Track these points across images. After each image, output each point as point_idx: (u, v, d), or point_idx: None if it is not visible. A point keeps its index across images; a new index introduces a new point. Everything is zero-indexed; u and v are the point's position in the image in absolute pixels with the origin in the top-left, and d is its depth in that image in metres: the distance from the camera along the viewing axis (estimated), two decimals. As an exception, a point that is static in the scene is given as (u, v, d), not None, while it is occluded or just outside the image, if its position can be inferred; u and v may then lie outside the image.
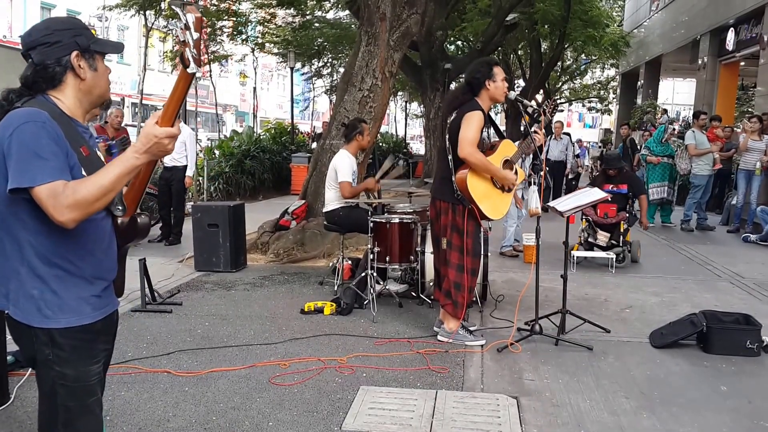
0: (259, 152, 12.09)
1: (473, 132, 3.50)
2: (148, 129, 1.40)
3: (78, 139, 1.48)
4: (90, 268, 1.51)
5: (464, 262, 3.58)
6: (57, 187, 1.34)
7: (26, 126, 1.37)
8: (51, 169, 1.35)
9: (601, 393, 3.03)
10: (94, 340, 1.54)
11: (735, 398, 3.01)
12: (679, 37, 15.12)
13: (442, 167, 3.67)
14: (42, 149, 1.36)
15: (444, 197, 3.62)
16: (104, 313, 1.56)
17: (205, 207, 5.81)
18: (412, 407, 2.80)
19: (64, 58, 1.48)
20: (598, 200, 4.12)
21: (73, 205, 1.34)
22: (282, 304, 4.52)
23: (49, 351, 1.47)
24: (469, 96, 3.62)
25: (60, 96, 1.50)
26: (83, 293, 1.50)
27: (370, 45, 6.59)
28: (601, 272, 5.75)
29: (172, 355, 3.41)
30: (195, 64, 1.39)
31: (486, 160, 3.55)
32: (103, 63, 1.56)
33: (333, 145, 6.60)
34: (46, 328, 1.46)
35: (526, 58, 20.13)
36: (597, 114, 30.59)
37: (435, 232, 3.77)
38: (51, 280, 1.45)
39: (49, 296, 1.45)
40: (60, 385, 1.49)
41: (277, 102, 38.57)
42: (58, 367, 1.48)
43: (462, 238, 3.58)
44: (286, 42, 17.56)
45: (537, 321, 3.71)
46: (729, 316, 3.77)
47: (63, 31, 1.48)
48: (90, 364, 1.53)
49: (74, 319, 1.48)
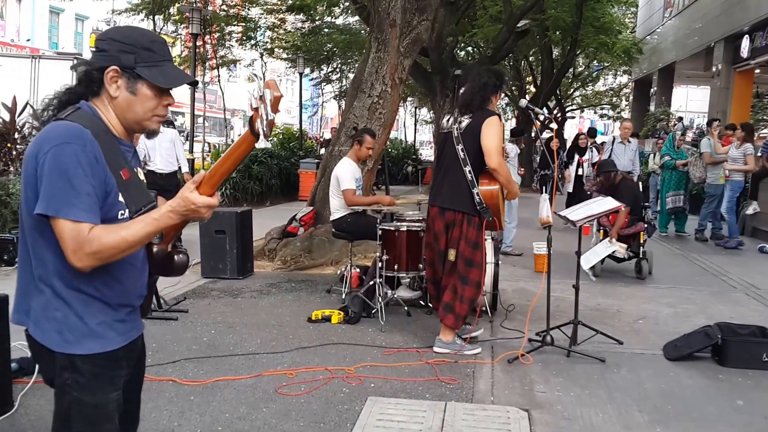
0: (266, 157, 12.10)
1: (499, 140, 3.42)
2: (187, 195, 1.32)
3: (119, 160, 1.40)
4: (116, 295, 1.44)
5: (471, 275, 3.52)
6: (82, 231, 1.28)
7: (66, 148, 1.29)
8: (82, 206, 1.29)
9: (613, 406, 2.97)
10: (116, 368, 1.47)
11: (751, 413, 2.93)
12: (692, 44, 15.00)
13: (457, 177, 3.49)
14: (77, 179, 1.29)
15: (461, 208, 3.49)
16: (128, 339, 1.49)
17: (213, 213, 5.79)
18: (420, 419, 2.75)
19: (103, 68, 1.39)
20: (611, 209, 4.04)
21: (92, 255, 1.29)
22: (289, 312, 4.48)
23: (68, 376, 1.40)
24: (480, 101, 3.52)
25: (102, 107, 1.42)
26: (107, 318, 1.43)
27: (380, 51, 6.58)
28: (614, 282, 5.66)
29: (178, 363, 3.39)
30: (264, 137, 1.29)
31: (509, 172, 3.52)
32: (153, 90, 1.41)
33: (342, 151, 6.57)
34: (67, 353, 1.39)
35: (538, 64, 20.05)
36: (609, 121, 30.38)
37: (436, 243, 3.62)
38: (75, 303, 1.38)
39: (73, 320, 1.38)
40: (77, 411, 1.42)
41: (286, 107, 38.78)
42: (76, 392, 1.41)
43: (473, 251, 3.51)
44: (295, 47, 17.65)
45: (548, 332, 3.65)
46: (745, 328, 3.69)
47: (116, 42, 1.40)
48: (110, 391, 1.46)
49: (98, 345, 1.41)
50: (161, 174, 6.64)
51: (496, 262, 4.41)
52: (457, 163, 3.49)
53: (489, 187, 3.50)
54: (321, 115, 29.68)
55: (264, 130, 1.27)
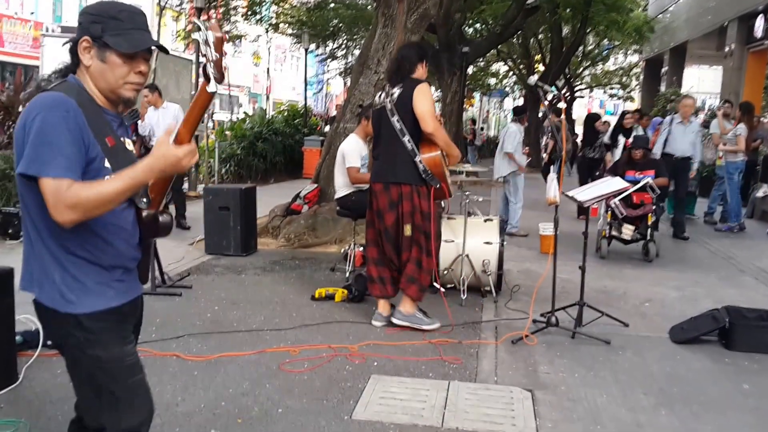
0: (271, 135, 12.00)
1: (431, 105, 3.45)
2: (165, 149, 1.36)
3: (104, 128, 1.46)
4: (108, 258, 1.49)
5: (430, 246, 3.55)
6: (62, 186, 1.33)
7: (51, 113, 1.36)
8: (62, 164, 1.34)
9: (618, 388, 2.95)
10: (123, 321, 1.54)
11: (758, 397, 2.91)
12: (705, 23, 14.65)
13: (397, 149, 3.47)
14: (58, 141, 1.35)
15: (407, 180, 3.47)
16: (128, 297, 1.55)
17: (217, 189, 5.77)
18: (423, 398, 2.74)
19: (78, 41, 1.46)
20: (619, 190, 3.97)
21: (71, 208, 1.33)
22: (292, 289, 4.47)
23: (80, 335, 1.46)
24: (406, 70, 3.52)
25: (83, 79, 1.48)
26: (103, 279, 1.49)
27: (387, 27, 6.44)
28: (621, 264, 5.61)
29: (182, 338, 3.39)
30: (216, 82, 1.36)
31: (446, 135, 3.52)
32: (122, 58, 1.45)
33: (347, 128, 6.49)
34: (72, 313, 1.45)
35: (547, 42, 19.70)
36: (619, 101, 29.93)
37: (381, 221, 3.57)
38: (70, 266, 1.45)
39: (70, 281, 1.45)
40: (97, 368, 1.49)
41: (291, 84, 38.41)
42: (91, 350, 1.47)
43: (427, 222, 3.52)
44: (300, 23, 17.38)
45: (553, 313, 3.62)
46: (753, 312, 3.65)
47: (88, 15, 1.46)
48: (122, 344, 1.52)
49: (99, 302, 1.48)
50: None
51: (502, 242, 4.36)
52: (395, 136, 3.47)
53: (430, 153, 3.50)
54: (326, 92, 29.37)
55: (213, 73, 1.34)
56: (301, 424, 2.50)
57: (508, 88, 28.61)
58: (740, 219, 7.60)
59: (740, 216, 7.62)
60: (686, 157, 6.79)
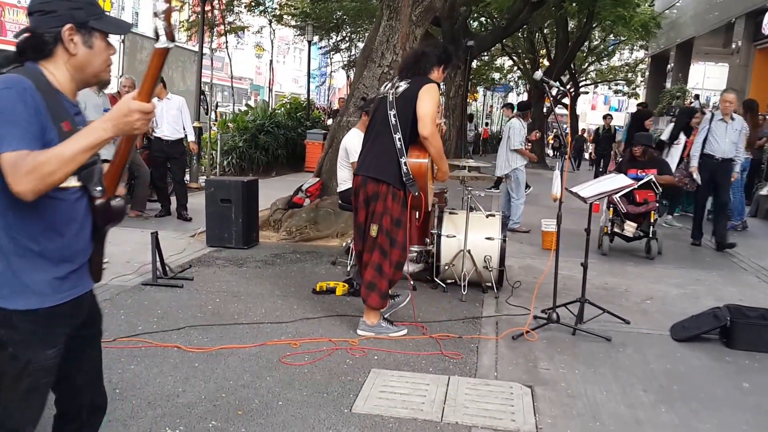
0: (273, 127, 11.97)
1: (435, 109, 3.21)
2: (123, 101, 1.34)
3: (61, 113, 1.43)
4: (56, 249, 1.45)
5: (393, 255, 3.32)
6: (20, 156, 1.29)
7: (5, 92, 1.33)
8: (19, 137, 1.30)
9: (618, 385, 2.95)
10: (56, 325, 1.48)
11: (758, 395, 2.91)
12: (712, 19, 14.55)
13: (385, 144, 3.25)
14: (14, 117, 1.31)
15: (386, 178, 3.24)
16: (69, 296, 1.49)
17: (219, 182, 5.76)
18: (423, 392, 2.75)
19: (56, 29, 1.42)
20: (623, 187, 3.96)
21: (29, 174, 1.28)
22: (293, 283, 4.48)
23: (3, 331, 1.42)
24: (422, 68, 3.33)
25: (50, 67, 1.45)
26: (46, 275, 1.44)
27: (392, 20, 6.40)
28: (623, 262, 5.60)
29: (183, 330, 3.39)
30: (166, 38, 1.31)
31: (442, 146, 3.31)
32: (104, 42, 1.48)
33: (350, 122, 6.47)
34: (2, 308, 1.41)
35: (552, 37, 19.57)
36: (623, 97, 29.75)
37: (356, 216, 3.41)
38: (12, 257, 1.40)
39: (9, 275, 1.40)
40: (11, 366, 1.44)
41: (293, 76, 38.28)
42: (11, 348, 1.43)
43: (397, 230, 3.29)
44: (304, 14, 17.29)
45: (554, 309, 3.62)
46: (754, 311, 3.64)
47: (61, 1, 1.43)
48: (47, 348, 1.47)
49: (34, 300, 1.43)
50: (167, 141, 6.63)
51: (503, 238, 4.36)
52: (387, 130, 3.26)
53: (418, 159, 3.27)
54: (329, 85, 29.27)
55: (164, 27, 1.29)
56: (301, 416, 2.51)
57: (512, 83, 28.48)
58: (743, 217, 7.57)
59: (743, 214, 7.60)
60: (728, 159, 6.01)
